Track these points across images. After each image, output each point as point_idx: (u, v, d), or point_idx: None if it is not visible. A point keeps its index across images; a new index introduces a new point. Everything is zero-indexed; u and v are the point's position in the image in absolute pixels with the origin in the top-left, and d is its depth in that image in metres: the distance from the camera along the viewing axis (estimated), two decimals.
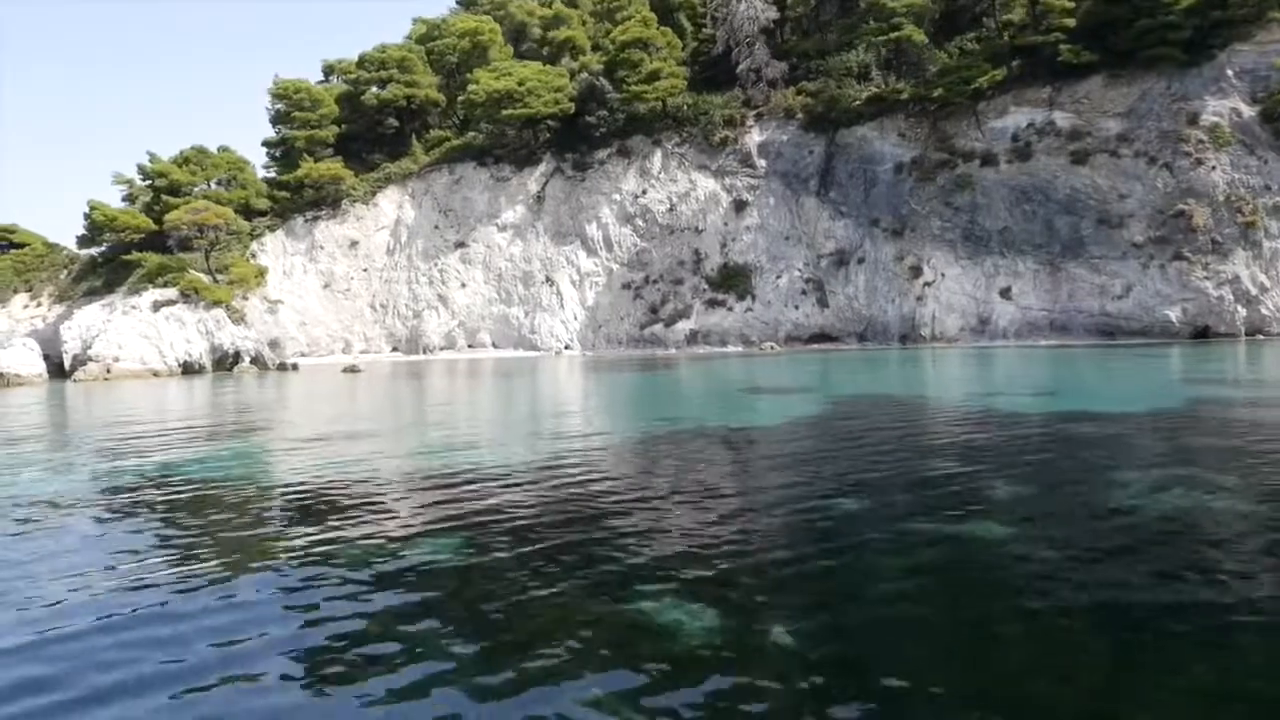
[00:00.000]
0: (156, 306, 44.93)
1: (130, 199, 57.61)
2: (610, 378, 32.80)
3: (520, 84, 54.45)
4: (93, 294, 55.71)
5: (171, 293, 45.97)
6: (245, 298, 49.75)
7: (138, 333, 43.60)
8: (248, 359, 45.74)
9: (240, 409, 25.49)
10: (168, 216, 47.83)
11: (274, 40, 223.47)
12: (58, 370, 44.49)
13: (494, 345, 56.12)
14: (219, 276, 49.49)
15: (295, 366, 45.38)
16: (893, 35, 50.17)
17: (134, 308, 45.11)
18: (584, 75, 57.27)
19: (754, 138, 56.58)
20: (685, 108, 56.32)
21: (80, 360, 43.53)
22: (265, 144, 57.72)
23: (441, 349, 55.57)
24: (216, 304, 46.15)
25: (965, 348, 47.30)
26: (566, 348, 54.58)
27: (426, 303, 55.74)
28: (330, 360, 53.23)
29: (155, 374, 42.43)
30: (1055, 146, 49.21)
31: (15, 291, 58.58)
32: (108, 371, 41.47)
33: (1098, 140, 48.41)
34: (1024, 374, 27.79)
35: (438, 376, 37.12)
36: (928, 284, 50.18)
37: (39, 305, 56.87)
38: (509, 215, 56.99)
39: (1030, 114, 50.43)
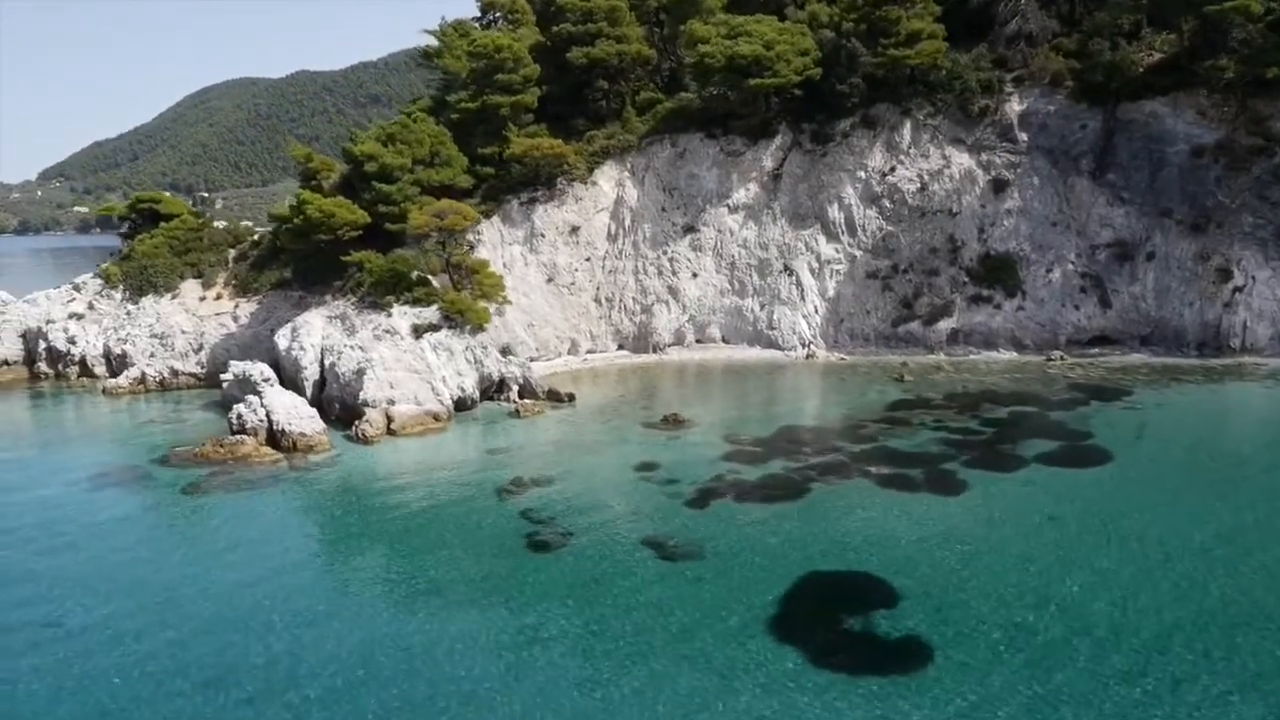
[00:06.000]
0: (418, 332, 39.32)
1: (308, 177, 50.84)
2: None
3: (767, 48, 47.57)
4: (283, 287, 49.68)
5: (430, 313, 40.24)
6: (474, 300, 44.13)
7: (405, 366, 38.15)
8: (515, 388, 40.61)
9: None
10: (411, 221, 41.53)
11: None
12: None
13: (724, 340, 51.17)
14: (454, 276, 43.82)
15: (571, 398, 40.32)
16: (1226, 6, 43.63)
17: (388, 332, 39.47)
18: (826, 34, 50.26)
19: (1014, 107, 50.47)
20: (944, 72, 49.81)
21: (339, 399, 38.26)
22: (458, 110, 50.40)
23: (670, 345, 50.57)
24: (480, 328, 40.67)
25: None
26: (810, 346, 49.74)
27: (656, 296, 50.34)
28: (559, 365, 48.20)
29: (435, 418, 37.25)
30: None
31: (182, 277, 52.23)
32: (388, 420, 36.27)
33: None
34: None
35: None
36: (1238, 289, 45.63)
37: (218, 298, 50.73)
38: (741, 195, 51.00)
39: None
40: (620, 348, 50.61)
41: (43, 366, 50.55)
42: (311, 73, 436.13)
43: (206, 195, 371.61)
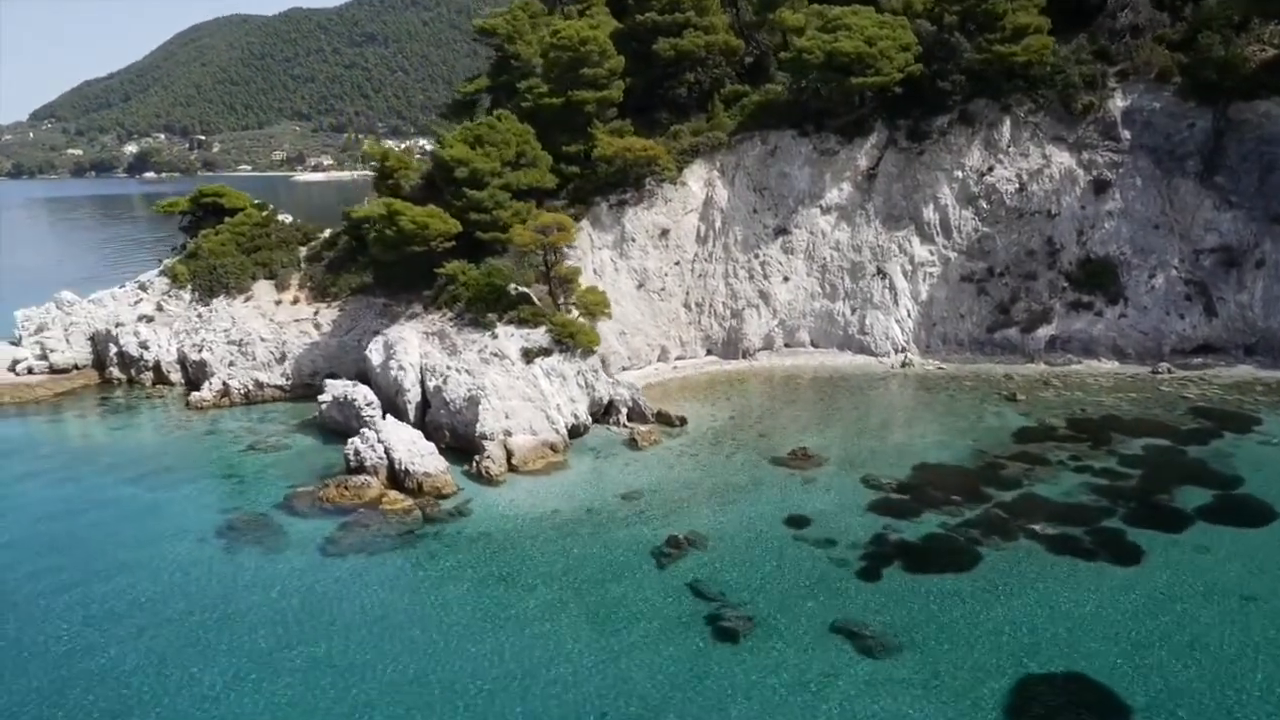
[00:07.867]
0: (529, 356, 38.06)
1: (385, 177, 48.92)
2: None
3: (869, 43, 45.48)
4: (364, 292, 48.20)
5: (539, 336, 38.89)
6: (569, 312, 42.79)
7: (519, 394, 36.91)
8: (624, 410, 39.53)
9: None
10: (515, 239, 39.94)
11: None
12: None
13: (813, 345, 49.99)
14: (553, 288, 42.43)
15: (683, 421, 39.29)
16: None
17: (496, 355, 38.17)
18: (924, 25, 48.04)
19: (1117, 104, 48.59)
20: (1049, 67, 47.79)
21: (450, 427, 37.12)
22: (537, 104, 48.26)
23: (759, 350, 49.39)
24: (590, 350, 39.40)
25: None
26: (905, 353, 48.59)
27: (747, 300, 48.96)
28: (650, 373, 47.03)
29: (552, 449, 36.21)
30: None
31: (253, 278, 50.59)
32: (508, 453, 35.21)
33: None
34: None
35: None
36: None
37: (295, 301, 49.19)
38: (834, 195, 49.31)
39: None
40: (709, 353, 49.42)
41: (114, 371, 49.32)
42: (305, 10, 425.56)
43: (203, 138, 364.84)
